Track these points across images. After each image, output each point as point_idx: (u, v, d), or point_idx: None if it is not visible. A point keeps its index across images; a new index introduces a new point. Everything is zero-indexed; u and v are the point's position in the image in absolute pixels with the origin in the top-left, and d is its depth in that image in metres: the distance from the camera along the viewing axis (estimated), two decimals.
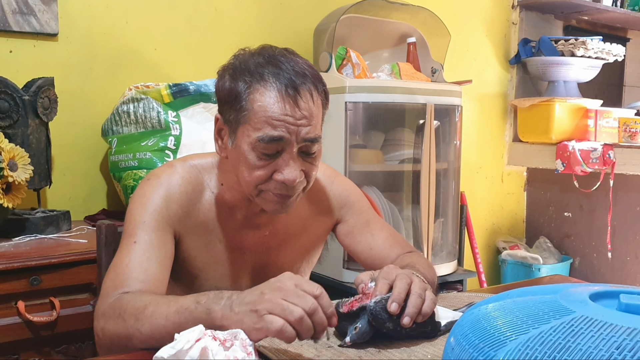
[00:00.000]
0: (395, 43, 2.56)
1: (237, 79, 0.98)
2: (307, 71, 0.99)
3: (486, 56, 3.06)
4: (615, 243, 2.79)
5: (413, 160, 2.25)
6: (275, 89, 0.96)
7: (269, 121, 0.95)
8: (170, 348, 0.74)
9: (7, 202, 1.55)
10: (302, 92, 0.97)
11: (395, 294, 0.88)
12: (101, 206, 2.02)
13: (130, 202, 1.06)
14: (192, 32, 2.18)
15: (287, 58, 1.00)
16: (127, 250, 0.99)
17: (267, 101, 0.96)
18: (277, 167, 0.98)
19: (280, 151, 0.98)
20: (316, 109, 1.00)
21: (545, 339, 0.53)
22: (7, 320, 1.42)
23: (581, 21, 3.38)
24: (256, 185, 1.00)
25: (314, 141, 0.99)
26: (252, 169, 0.99)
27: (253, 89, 0.97)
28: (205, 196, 1.09)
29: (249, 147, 0.98)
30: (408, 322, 0.88)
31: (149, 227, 1.00)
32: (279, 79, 0.96)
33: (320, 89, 1.01)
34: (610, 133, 2.83)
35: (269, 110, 0.95)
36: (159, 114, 1.83)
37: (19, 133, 1.65)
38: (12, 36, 1.85)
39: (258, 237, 1.13)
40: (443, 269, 2.30)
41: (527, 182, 3.27)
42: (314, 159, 1.02)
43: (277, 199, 1.01)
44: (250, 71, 0.98)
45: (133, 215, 1.03)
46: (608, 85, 3.56)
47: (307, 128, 0.98)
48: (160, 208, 1.03)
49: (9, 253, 1.48)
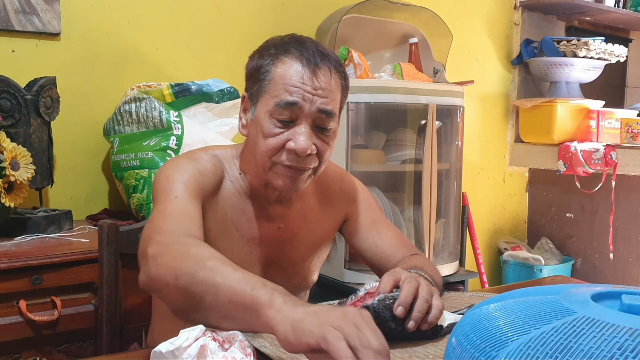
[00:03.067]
0: (397, 43, 2.56)
1: (264, 54, 1.04)
2: (330, 54, 1.05)
3: (488, 57, 3.05)
4: (617, 244, 2.78)
5: (415, 160, 2.25)
6: (297, 59, 1.01)
7: (286, 87, 1.00)
8: (169, 344, 0.74)
9: (9, 202, 1.55)
10: (322, 66, 1.02)
11: (402, 297, 0.88)
12: (103, 206, 2.02)
13: (160, 173, 1.06)
14: (194, 32, 2.18)
15: (315, 42, 1.05)
16: (170, 203, 0.98)
17: (287, 70, 1.01)
18: (290, 136, 1.01)
19: (295, 120, 1.01)
20: (335, 87, 1.03)
21: (547, 339, 0.53)
22: (9, 320, 1.42)
23: (583, 22, 3.38)
24: (270, 157, 1.02)
25: (329, 115, 1.02)
26: (267, 137, 1.02)
27: (277, 60, 1.02)
28: (226, 184, 1.11)
29: (266, 115, 1.02)
30: (413, 326, 0.88)
31: (187, 188, 1.01)
32: (301, 52, 1.01)
33: (341, 74, 1.06)
34: (613, 134, 2.82)
35: (287, 77, 1.00)
36: (161, 113, 1.83)
37: (21, 132, 1.65)
38: (14, 36, 1.85)
39: (271, 229, 1.14)
40: (445, 270, 2.30)
41: (529, 183, 3.26)
42: (327, 137, 1.04)
43: (288, 173, 1.03)
44: (276, 46, 1.04)
45: (169, 177, 1.02)
46: (610, 86, 3.55)
47: (323, 99, 1.01)
48: (195, 176, 1.04)
49: (10, 252, 1.48)
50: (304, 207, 1.16)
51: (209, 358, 0.73)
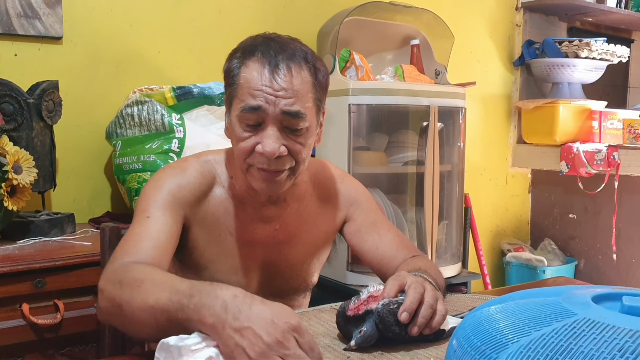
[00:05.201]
0: (399, 45, 2.56)
1: (232, 58, 1.05)
2: (297, 51, 1.02)
3: (490, 58, 3.05)
4: (620, 245, 2.78)
5: (417, 162, 2.25)
6: (260, 63, 1.00)
7: (250, 91, 1.00)
8: (179, 339, 0.74)
9: (12, 205, 1.56)
10: (282, 66, 1.00)
11: (407, 303, 0.88)
12: (105, 209, 2.03)
13: (145, 187, 1.10)
14: (196, 35, 2.18)
15: (282, 39, 1.04)
16: (140, 223, 1.02)
17: (250, 73, 1.01)
18: (258, 140, 1.01)
19: (262, 123, 1.01)
20: (301, 86, 1.01)
21: (547, 341, 0.53)
22: (12, 323, 1.42)
23: (585, 22, 3.37)
24: (244, 159, 1.03)
25: (295, 116, 1.00)
26: (238, 141, 1.03)
27: (242, 64, 1.02)
28: (217, 190, 1.12)
29: (236, 119, 1.03)
30: (416, 332, 0.88)
31: (162, 205, 1.04)
32: (264, 54, 1.01)
33: (310, 69, 1.03)
34: (615, 134, 2.82)
35: (251, 81, 1.00)
36: (163, 116, 1.84)
37: (23, 136, 1.66)
38: (16, 39, 1.86)
39: (269, 230, 1.14)
40: (447, 271, 2.29)
41: (532, 184, 3.26)
42: (299, 137, 1.03)
43: (262, 176, 1.03)
44: (244, 49, 1.04)
45: (147, 195, 1.07)
46: (612, 87, 3.55)
47: (286, 100, 0.99)
48: (173, 190, 1.06)
49: (13, 255, 1.48)
50: (302, 208, 1.16)
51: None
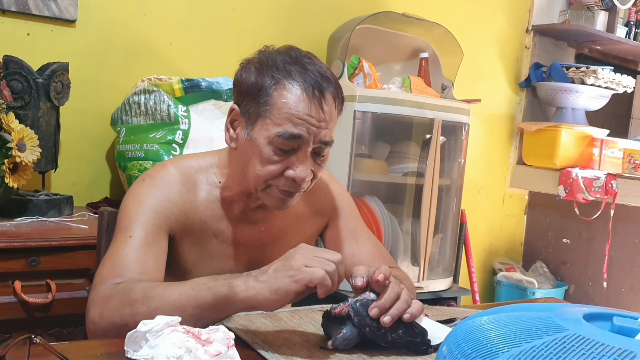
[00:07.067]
0: (408, 57, 2.58)
1: (264, 74, 1.00)
2: (330, 76, 1.03)
3: (497, 77, 3.07)
4: (611, 273, 2.79)
5: (417, 174, 2.26)
6: (302, 88, 0.99)
7: (291, 118, 0.98)
8: (142, 325, 0.75)
9: (13, 182, 1.56)
10: (327, 95, 1.00)
11: (381, 300, 0.88)
12: (104, 194, 2.03)
13: (124, 201, 1.07)
14: (208, 30, 2.19)
15: (312, 61, 1.03)
16: (123, 243, 0.99)
17: (292, 99, 0.98)
18: (289, 164, 1.01)
19: (296, 149, 1.00)
20: (336, 114, 1.04)
21: (536, 353, 0.54)
22: (3, 299, 1.43)
23: (593, 50, 3.40)
24: (265, 180, 1.02)
25: (327, 144, 1.03)
26: (265, 163, 1.01)
27: (279, 85, 0.99)
28: (201, 195, 1.10)
29: (265, 140, 1.00)
30: (389, 321, 0.87)
31: (145, 223, 1.01)
32: (305, 79, 0.99)
33: (340, 96, 1.05)
34: (615, 163, 2.83)
35: (293, 107, 0.98)
36: (169, 107, 1.85)
37: (29, 115, 1.67)
38: (30, 19, 1.87)
39: (254, 232, 1.15)
40: (438, 285, 2.30)
41: (528, 206, 3.27)
42: (322, 161, 1.06)
43: (282, 196, 1.04)
44: (277, 67, 1.00)
45: (128, 212, 1.03)
46: (616, 116, 3.57)
47: (325, 131, 1.01)
48: (155, 207, 1.03)
49: (10, 232, 1.49)
50: (288, 211, 1.14)
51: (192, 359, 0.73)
